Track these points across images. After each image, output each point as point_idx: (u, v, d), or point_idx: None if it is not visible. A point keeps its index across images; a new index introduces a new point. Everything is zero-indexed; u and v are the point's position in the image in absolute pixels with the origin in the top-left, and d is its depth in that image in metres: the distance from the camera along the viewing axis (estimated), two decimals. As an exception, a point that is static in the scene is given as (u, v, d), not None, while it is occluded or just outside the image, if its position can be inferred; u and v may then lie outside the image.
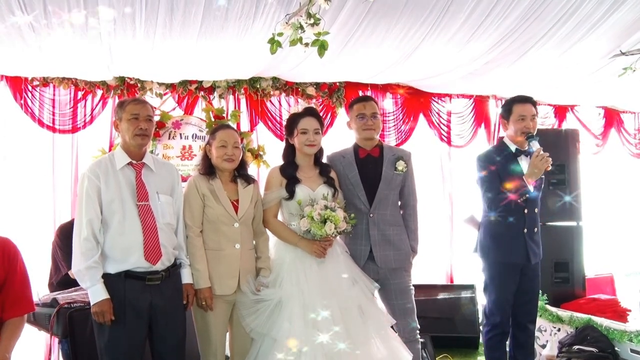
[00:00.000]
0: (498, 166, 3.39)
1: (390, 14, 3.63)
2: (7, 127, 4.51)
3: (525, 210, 3.38)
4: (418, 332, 3.25)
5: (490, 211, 3.44)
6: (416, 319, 3.24)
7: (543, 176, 3.39)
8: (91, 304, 2.58)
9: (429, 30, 3.90)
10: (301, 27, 2.93)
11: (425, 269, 5.59)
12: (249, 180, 3.08)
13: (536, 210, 3.43)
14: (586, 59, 4.53)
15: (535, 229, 3.43)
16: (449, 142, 5.77)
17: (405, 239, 3.25)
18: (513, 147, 3.44)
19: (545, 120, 6.16)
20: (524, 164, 3.39)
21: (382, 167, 3.22)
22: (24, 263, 2.48)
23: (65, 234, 3.72)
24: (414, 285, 3.31)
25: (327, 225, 2.88)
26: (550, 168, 3.26)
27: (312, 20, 2.86)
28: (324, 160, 3.26)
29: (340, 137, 4.89)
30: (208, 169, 3.00)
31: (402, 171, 3.23)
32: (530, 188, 3.29)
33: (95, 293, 2.56)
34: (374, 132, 3.25)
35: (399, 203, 3.32)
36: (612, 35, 4.07)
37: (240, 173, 3.07)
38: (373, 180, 3.21)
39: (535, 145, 3.29)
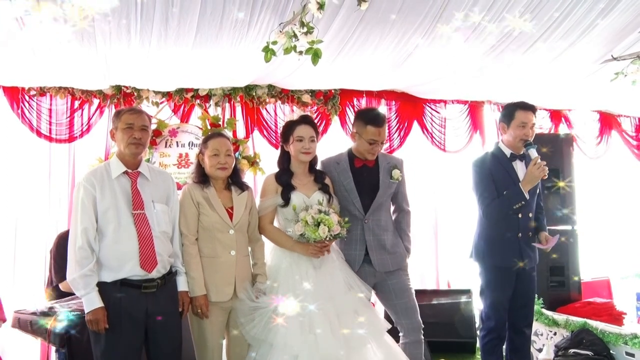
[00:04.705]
0: (493, 171, 3.42)
1: (383, 21, 3.65)
2: (4, 137, 4.53)
3: (520, 215, 3.40)
4: (422, 330, 3.24)
5: (485, 216, 3.46)
6: (419, 317, 3.23)
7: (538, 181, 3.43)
8: (85, 312, 2.59)
9: (423, 37, 3.92)
10: (295, 36, 2.96)
11: (422, 274, 5.61)
12: (243, 187, 3.10)
13: (530, 215, 3.46)
14: (579, 63, 4.56)
15: (530, 234, 3.45)
16: (443, 148, 5.78)
17: (399, 243, 3.29)
18: (508, 152, 3.46)
19: (541, 124, 6.19)
20: (518, 168, 3.43)
21: (379, 175, 3.26)
22: None
23: (62, 244, 3.73)
24: (411, 290, 3.34)
25: (321, 228, 2.89)
26: (546, 177, 3.31)
27: (305, 29, 2.90)
28: (318, 165, 3.28)
29: (334, 144, 4.94)
30: (202, 177, 3.02)
31: (397, 179, 3.27)
32: (526, 195, 3.32)
33: (89, 301, 2.58)
34: (377, 154, 3.28)
35: (392, 208, 3.36)
36: (604, 40, 4.10)
37: (234, 180, 3.09)
38: (368, 188, 3.23)
39: (533, 154, 3.33)
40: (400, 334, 3.23)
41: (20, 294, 4.26)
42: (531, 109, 3.44)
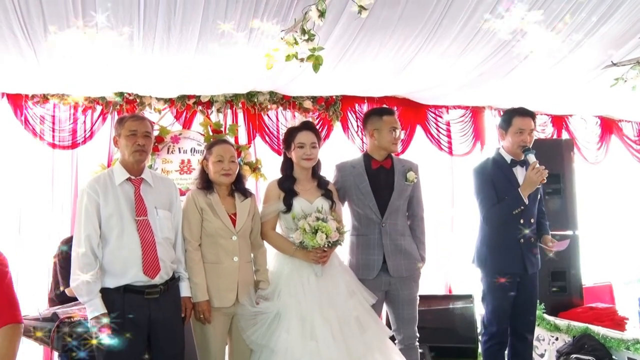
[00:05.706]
0: (493, 177, 3.43)
1: (384, 28, 3.68)
2: (7, 143, 4.55)
3: (521, 221, 3.41)
4: (417, 339, 3.32)
5: (486, 222, 3.47)
6: (416, 327, 3.32)
7: (539, 186, 3.43)
8: (88, 318, 2.61)
9: (423, 44, 3.94)
10: (296, 43, 2.98)
11: (424, 279, 5.60)
12: (246, 193, 3.12)
13: (532, 220, 3.46)
14: (579, 69, 4.58)
15: (532, 239, 3.46)
16: (450, 152, 5.79)
17: (414, 248, 3.32)
18: (509, 158, 3.47)
19: (545, 129, 6.19)
20: (519, 174, 3.44)
21: (394, 177, 3.28)
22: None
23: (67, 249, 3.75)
24: (413, 296, 3.36)
25: (318, 235, 2.91)
26: (545, 181, 3.32)
27: (306, 36, 2.92)
28: (332, 170, 3.32)
29: (336, 150, 4.94)
30: (205, 183, 3.04)
31: (412, 182, 3.30)
32: (525, 200, 3.33)
33: (92, 307, 2.60)
34: (399, 143, 3.37)
35: (407, 213, 3.37)
36: (603, 46, 4.12)
37: (238, 187, 3.11)
38: (384, 191, 3.26)
39: (531, 159, 3.34)
40: (396, 340, 3.29)
41: (23, 299, 4.26)
42: (529, 114, 3.44)
